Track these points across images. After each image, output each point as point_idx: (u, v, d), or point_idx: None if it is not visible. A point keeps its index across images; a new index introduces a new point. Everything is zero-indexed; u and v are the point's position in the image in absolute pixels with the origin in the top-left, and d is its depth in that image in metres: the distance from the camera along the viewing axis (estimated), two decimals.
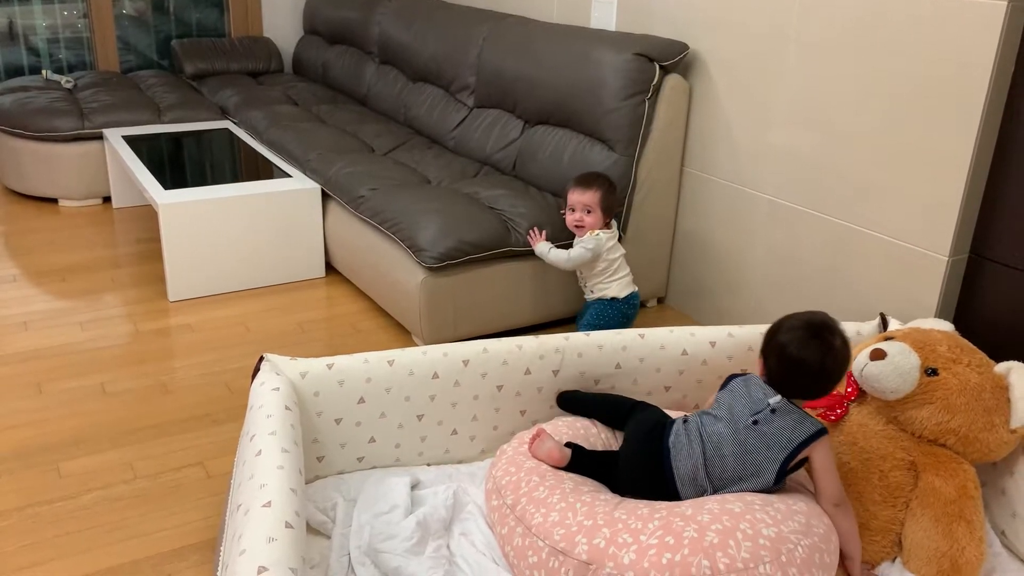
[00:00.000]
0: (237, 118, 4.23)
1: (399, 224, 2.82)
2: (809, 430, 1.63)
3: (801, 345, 1.63)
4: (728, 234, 2.89)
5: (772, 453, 1.63)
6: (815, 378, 1.65)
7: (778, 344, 1.67)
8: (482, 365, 2.01)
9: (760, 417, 1.65)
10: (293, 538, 1.37)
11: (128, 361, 2.66)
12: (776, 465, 1.62)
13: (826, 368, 1.64)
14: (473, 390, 2.02)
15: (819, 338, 1.64)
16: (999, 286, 2.24)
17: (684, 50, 2.89)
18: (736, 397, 1.73)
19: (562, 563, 1.57)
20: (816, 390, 1.68)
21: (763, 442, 1.64)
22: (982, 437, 1.82)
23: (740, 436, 1.67)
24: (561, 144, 3.11)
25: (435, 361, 1.99)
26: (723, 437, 1.69)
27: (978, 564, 1.71)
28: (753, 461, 1.65)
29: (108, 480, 2.10)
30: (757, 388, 1.71)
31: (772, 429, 1.64)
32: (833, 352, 1.63)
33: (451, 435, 2.05)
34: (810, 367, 1.63)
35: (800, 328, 1.65)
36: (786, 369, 1.66)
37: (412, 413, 2.00)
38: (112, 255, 3.47)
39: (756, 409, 1.67)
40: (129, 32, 5.01)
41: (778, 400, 1.66)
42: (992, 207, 2.22)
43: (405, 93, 4.13)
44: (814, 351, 1.63)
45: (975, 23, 2.08)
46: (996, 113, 2.14)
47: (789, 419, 1.64)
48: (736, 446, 1.67)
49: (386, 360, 1.96)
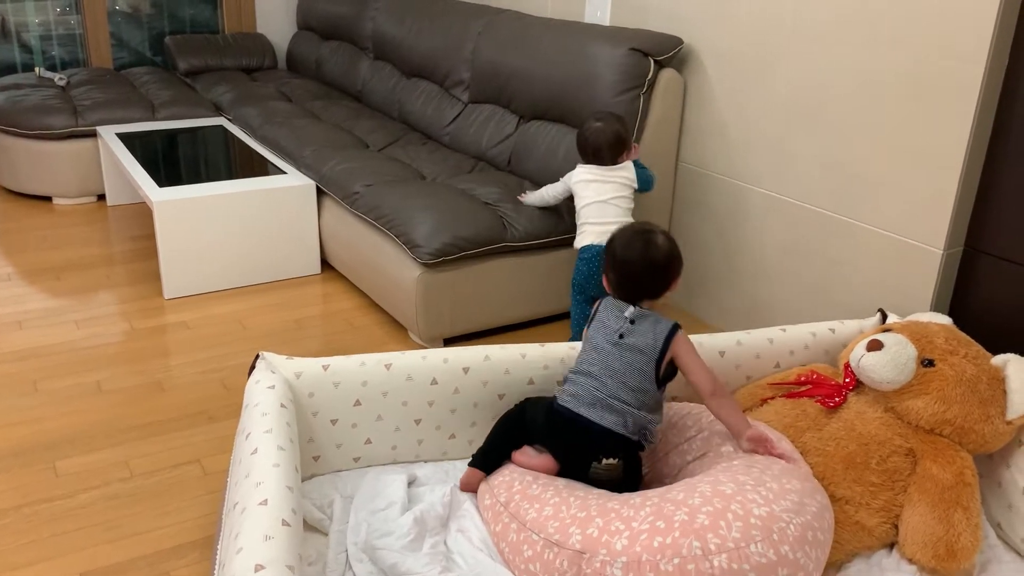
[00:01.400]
0: (231, 115, 4.21)
1: (394, 220, 2.81)
2: (665, 328, 1.77)
3: (626, 246, 1.81)
4: (723, 228, 2.89)
5: (645, 358, 1.75)
6: (647, 272, 1.79)
7: (610, 254, 1.83)
8: (483, 373, 1.97)
9: (623, 330, 1.77)
10: (290, 535, 1.37)
11: (124, 359, 2.66)
12: (652, 369, 1.75)
13: (651, 259, 1.79)
14: (473, 397, 1.99)
15: (640, 236, 1.81)
16: (994, 279, 2.24)
17: (678, 44, 2.89)
18: (599, 327, 1.82)
19: (557, 554, 1.57)
20: (654, 287, 1.81)
21: (634, 352, 1.76)
22: (978, 428, 1.82)
23: (616, 355, 1.76)
24: (556, 139, 3.11)
25: (434, 367, 1.95)
26: (605, 364, 1.76)
27: (973, 550, 1.72)
28: (638, 370, 1.75)
29: (105, 478, 2.10)
30: (612, 308, 1.83)
31: (636, 339, 1.77)
32: (655, 245, 1.79)
33: (449, 439, 2.03)
34: (636, 262, 1.79)
35: (626, 233, 1.84)
36: (621, 273, 1.81)
37: (409, 417, 1.98)
38: (107, 253, 3.47)
39: (618, 327, 1.78)
40: (122, 28, 5.00)
41: (632, 310, 1.79)
42: (986, 200, 2.22)
43: (399, 89, 4.12)
44: (637, 248, 1.79)
45: (969, 16, 2.08)
46: (990, 106, 2.14)
47: (647, 323, 1.78)
48: (620, 364, 1.75)
49: (383, 364, 1.93)
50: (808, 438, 1.89)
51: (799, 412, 1.96)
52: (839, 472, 1.82)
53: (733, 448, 1.78)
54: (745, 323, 2.88)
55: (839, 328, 2.20)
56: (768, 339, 2.09)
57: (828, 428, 1.90)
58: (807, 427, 1.92)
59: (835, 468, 1.83)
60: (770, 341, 2.09)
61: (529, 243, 2.83)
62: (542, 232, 2.85)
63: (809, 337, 2.15)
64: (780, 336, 2.12)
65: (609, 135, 2.54)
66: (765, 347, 2.09)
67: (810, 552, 1.52)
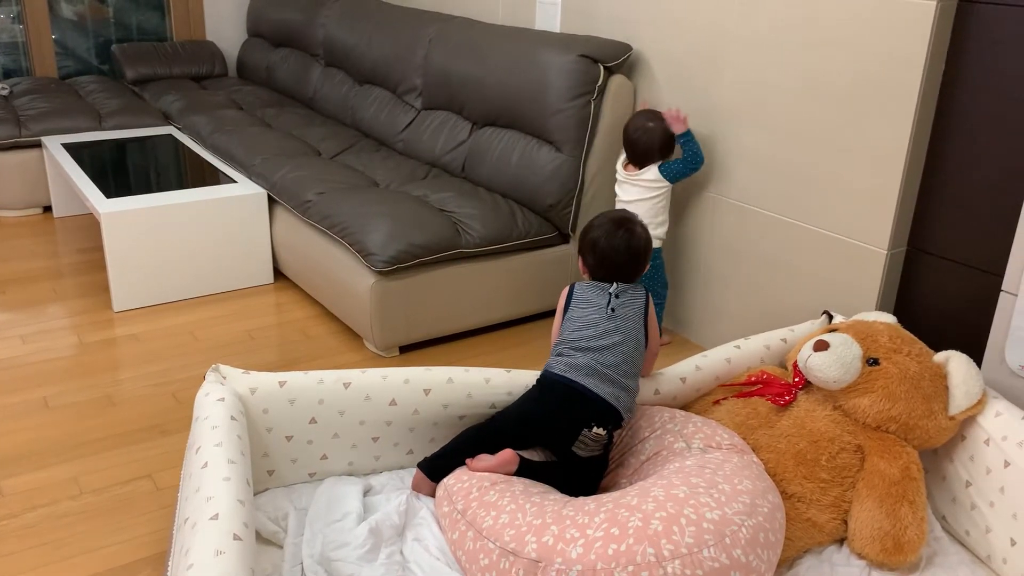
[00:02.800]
0: (180, 123, 4.16)
1: (347, 228, 2.80)
2: (642, 292, 1.95)
3: (609, 236, 1.94)
4: (674, 232, 2.93)
5: (636, 324, 1.90)
6: (627, 260, 1.95)
7: (591, 240, 1.97)
8: (444, 395, 1.95)
9: (615, 304, 1.91)
10: (242, 550, 1.35)
11: (72, 374, 2.61)
12: (642, 332, 1.91)
13: (632, 249, 1.94)
14: (432, 418, 1.97)
15: (623, 227, 1.95)
16: (936, 278, 2.30)
17: (628, 51, 2.92)
18: (584, 306, 1.92)
19: (512, 563, 1.58)
20: (630, 270, 1.96)
21: (627, 320, 1.90)
22: (922, 424, 1.87)
23: (612, 327, 1.87)
24: (509, 145, 3.12)
25: (395, 387, 1.92)
26: (603, 337, 1.86)
27: (919, 544, 1.76)
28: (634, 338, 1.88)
29: (53, 496, 2.06)
30: (592, 288, 1.95)
31: (626, 309, 1.91)
32: (636, 236, 1.95)
33: (407, 454, 2.02)
34: (620, 252, 1.94)
35: (606, 223, 1.97)
36: (601, 259, 1.95)
37: (367, 436, 1.95)
38: (54, 265, 3.40)
39: (606, 301, 1.91)
40: (67, 36, 4.90)
41: (616, 286, 1.93)
42: (928, 201, 2.28)
43: (352, 96, 4.10)
44: (620, 238, 1.94)
45: (907, 21, 2.13)
46: (929, 109, 2.20)
47: (627, 294, 1.93)
48: (618, 335, 1.87)
49: (342, 382, 1.90)
50: (760, 435, 1.92)
51: (751, 411, 1.99)
52: (791, 468, 1.85)
53: (686, 444, 1.81)
54: (693, 326, 2.91)
55: (791, 337, 2.22)
56: (726, 359, 2.11)
57: (779, 426, 1.93)
58: (759, 425, 1.95)
59: (787, 465, 1.86)
60: (728, 361, 2.11)
61: (484, 249, 2.84)
62: (497, 238, 2.86)
63: (764, 350, 2.17)
64: (736, 354, 2.13)
65: (656, 136, 2.66)
66: (724, 368, 2.10)
67: (762, 554, 1.55)
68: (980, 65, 2.11)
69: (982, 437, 1.86)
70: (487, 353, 2.84)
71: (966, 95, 2.15)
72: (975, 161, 2.16)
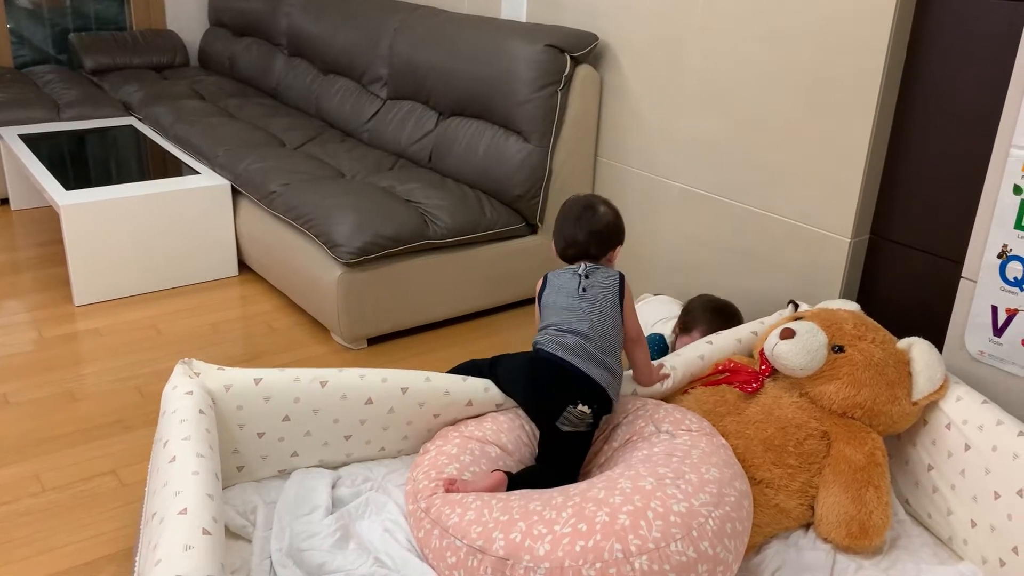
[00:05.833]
0: (141, 114, 4.09)
1: (313, 219, 2.78)
2: (615, 274, 1.96)
3: (576, 220, 1.99)
4: (642, 221, 2.94)
5: (609, 302, 1.91)
6: (590, 236, 1.98)
7: (558, 221, 2.03)
8: (421, 394, 1.93)
9: (585, 284, 1.92)
10: (211, 544, 1.34)
11: (33, 369, 2.56)
12: (618, 311, 1.91)
13: (595, 231, 1.98)
14: (407, 416, 1.95)
15: (586, 205, 2.00)
16: (899, 265, 2.34)
17: (594, 41, 2.92)
18: (556, 292, 1.94)
19: (480, 561, 1.57)
20: (595, 248, 1.99)
21: (600, 300, 1.90)
22: (886, 410, 1.90)
23: (587, 307, 1.89)
24: (476, 135, 3.11)
25: (372, 386, 1.90)
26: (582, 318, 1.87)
27: (884, 527, 1.80)
28: (610, 316, 1.89)
29: (14, 494, 2.02)
30: (561, 274, 1.97)
31: (597, 289, 1.92)
32: (598, 216, 1.99)
33: (379, 451, 2.00)
34: (583, 228, 1.98)
35: (572, 204, 2.03)
36: (567, 237, 1.99)
37: (339, 434, 1.93)
38: (12, 259, 3.33)
39: (576, 283, 1.92)
40: (23, 25, 4.79)
41: (585, 266, 1.95)
42: (890, 190, 2.31)
43: (316, 86, 4.06)
44: (584, 215, 1.99)
45: (869, 11, 2.16)
46: (891, 99, 2.23)
47: (598, 274, 1.95)
48: (594, 315, 1.88)
49: (319, 381, 1.87)
50: (728, 422, 1.94)
51: (719, 399, 2.01)
52: (759, 455, 1.88)
53: (655, 428, 1.82)
54: None
55: (761, 329, 2.23)
56: (699, 356, 2.11)
57: (747, 413, 1.95)
58: (727, 412, 1.97)
59: (755, 451, 1.88)
60: (701, 358, 2.11)
61: (451, 240, 2.83)
62: (464, 229, 2.85)
63: (736, 344, 2.18)
64: (709, 350, 2.13)
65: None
66: (698, 366, 2.11)
67: (729, 544, 1.56)
68: (941, 55, 2.14)
69: (943, 421, 1.90)
70: (456, 344, 2.84)
71: (928, 85, 2.18)
72: (936, 150, 2.20)
